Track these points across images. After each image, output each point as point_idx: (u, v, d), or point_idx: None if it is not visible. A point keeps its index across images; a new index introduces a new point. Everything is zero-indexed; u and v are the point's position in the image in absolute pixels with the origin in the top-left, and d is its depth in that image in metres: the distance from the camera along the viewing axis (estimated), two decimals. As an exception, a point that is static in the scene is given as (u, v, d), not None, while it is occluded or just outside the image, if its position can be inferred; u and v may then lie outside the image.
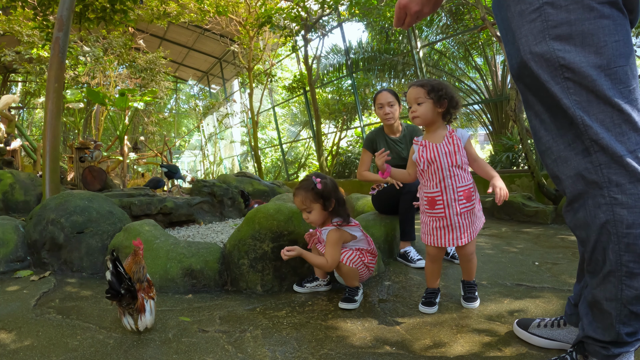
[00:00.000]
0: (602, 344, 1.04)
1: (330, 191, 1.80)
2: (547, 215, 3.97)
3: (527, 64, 0.99)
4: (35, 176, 4.50)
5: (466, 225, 1.65)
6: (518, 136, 4.83)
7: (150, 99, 7.99)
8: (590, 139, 0.94)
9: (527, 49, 0.98)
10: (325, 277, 2.06)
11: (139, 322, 1.50)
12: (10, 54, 8.44)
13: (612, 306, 0.99)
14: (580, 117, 0.94)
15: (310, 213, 1.82)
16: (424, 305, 1.74)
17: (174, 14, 9.16)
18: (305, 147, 14.67)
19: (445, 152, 1.64)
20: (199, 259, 2.11)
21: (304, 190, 1.81)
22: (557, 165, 1.03)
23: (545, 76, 0.97)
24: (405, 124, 2.87)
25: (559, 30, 0.93)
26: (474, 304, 1.74)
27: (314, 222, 1.87)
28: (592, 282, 1.04)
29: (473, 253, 1.74)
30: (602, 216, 0.96)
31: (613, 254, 0.96)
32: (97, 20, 6.32)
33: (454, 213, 1.63)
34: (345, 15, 9.31)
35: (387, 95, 2.70)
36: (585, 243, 1.03)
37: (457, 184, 1.63)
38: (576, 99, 0.94)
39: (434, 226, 1.67)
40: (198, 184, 4.39)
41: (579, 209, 1.02)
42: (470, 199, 1.64)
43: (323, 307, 1.84)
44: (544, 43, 0.95)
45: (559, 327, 1.33)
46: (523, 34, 0.99)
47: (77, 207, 2.57)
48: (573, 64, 0.92)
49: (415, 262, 2.44)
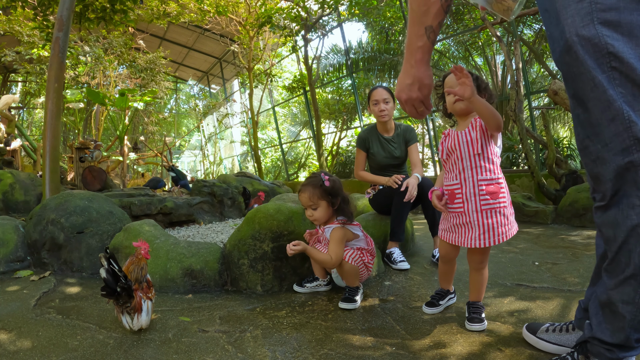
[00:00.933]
0: (608, 346, 1.02)
1: (338, 189, 1.82)
2: (547, 215, 3.97)
3: (572, 47, 0.90)
4: (35, 176, 4.50)
5: (488, 226, 1.44)
6: (518, 136, 4.83)
7: (150, 99, 7.99)
8: (633, 137, 0.87)
9: (573, 31, 0.90)
10: (325, 277, 2.06)
11: (134, 321, 1.51)
12: (10, 54, 8.44)
13: (628, 310, 0.96)
14: (626, 112, 0.86)
15: (316, 210, 1.83)
16: (426, 305, 1.74)
17: (174, 14, 9.17)
18: (305, 147, 14.67)
19: (466, 140, 1.48)
20: (199, 259, 2.11)
21: (312, 186, 1.81)
22: (597, 166, 0.95)
23: (591, 62, 0.88)
24: (398, 123, 2.83)
25: (608, 15, 0.85)
26: (479, 326, 1.51)
27: (318, 220, 1.86)
28: (610, 282, 1.00)
29: (484, 262, 1.55)
30: (635, 218, 0.91)
31: (639, 258, 0.92)
32: (97, 20, 6.32)
33: (473, 209, 1.45)
34: (345, 15, 9.31)
35: (382, 92, 2.66)
36: (611, 242, 0.98)
37: (479, 176, 1.45)
38: (622, 91, 0.86)
39: (454, 223, 1.52)
40: (198, 184, 4.39)
41: (611, 206, 0.95)
42: (496, 196, 1.45)
43: (323, 307, 1.84)
44: (591, 26, 0.87)
45: (567, 332, 1.30)
46: (570, 14, 0.90)
47: (77, 207, 2.57)
48: (621, 54, 0.85)
49: (397, 264, 2.40)
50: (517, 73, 4.54)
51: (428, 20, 1.04)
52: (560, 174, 4.56)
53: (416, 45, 1.07)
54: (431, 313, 1.71)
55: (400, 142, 2.76)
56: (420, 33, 1.05)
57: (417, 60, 1.09)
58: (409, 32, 1.08)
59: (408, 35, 1.09)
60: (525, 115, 6.30)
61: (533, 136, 4.86)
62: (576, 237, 3.20)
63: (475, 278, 1.59)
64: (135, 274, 1.54)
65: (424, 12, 1.03)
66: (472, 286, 1.60)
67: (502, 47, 4.81)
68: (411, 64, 1.10)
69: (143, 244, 1.60)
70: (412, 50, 1.09)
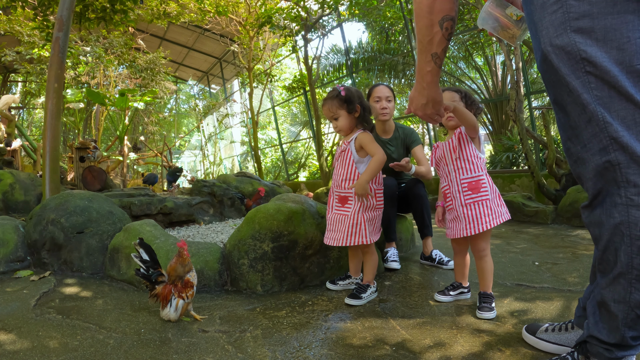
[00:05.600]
0: (606, 346, 1.02)
1: (354, 96, 1.87)
2: (547, 215, 3.97)
3: (547, 56, 0.96)
4: (35, 176, 4.49)
5: (472, 217, 1.66)
6: (518, 136, 4.83)
7: (150, 99, 7.99)
8: (609, 137, 0.90)
9: (547, 41, 0.95)
10: (358, 274, 2.08)
11: (162, 311, 1.67)
12: (10, 54, 8.44)
13: (620, 308, 0.97)
14: (601, 114, 0.90)
15: (338, 120, 1.90)
16: (437, 293, 1.87)
17: (174, 14, 9.16)
18: (305, 147, 14.67)
19: (450, 148, 1.77)
20: (199, 259, 2.11)
21: (329, 98, 1.90)
22: (578, 166, 1.00)
23: (565, 69, 0.93)
24: (399, 125, 2.71)
25: (581, 22, 0.89)
26: (488, 314, 1.62)
27: (342, 129, 1.92)
28: (602, 281, 1.02)
29: (485, 250, 1.71)
30: (617, 216, 0.93)
31: (625, 256, 0.94)
32: (97, 20, 6.31)
33: (459, 204, 1.70)
34: (345, 15, 9.31)
35: (385, 89, 2.58)
36: (598, 241, 1.01)
37: (461, 175, 1.71)
38: (597, 94, 0.90)
39: (449, 219, 1.79)
40: (198, 184, 4.38)
41: (596, 206, 0.99)
42: (477, 190, 1.68)
43: (323, 307, 1.84)
44: (564, 35, 0.91)
45: (566, 331, 1.31)
46: (544, 25, 0.96)
47: (77, 207, 2.57)
48: (594, 58, 0.89)
49: (387, 263, 2.43)
50: (517, 73, 4.54)
51: (433, 48, 1.16)
52: (560, 174, 4.56)
53: (425, 70, 1.21)
54: (441, 301, 1.83)
55: (398, 145, 2.66)
56: (427, 59, 1.19)
57: (428, 82, 1.24)
58: (418, 58, 1.22)
59: (417, 61, 1.22)
60: (525, 115, 6.30)
61: (533, 136, 4.86)
62: (576, 237, 3.20)
63: (479, 266, 1.74)
64: (179, 271, 1.68)
65: (428, 42, 1.15)
66: (479, 275, 1.75)
67: (502, 47, 4.81)
68: (423, 86, 1.25)
69: (184, 244, 1.71)
70: (422, 74, 1.23)
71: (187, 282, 1.69)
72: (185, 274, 1.69)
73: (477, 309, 1.67)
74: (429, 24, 1.12)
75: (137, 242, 1.70)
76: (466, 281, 1.88)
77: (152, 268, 1.68)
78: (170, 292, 1.66)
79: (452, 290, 1.86)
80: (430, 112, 1.30)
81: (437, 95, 1.27)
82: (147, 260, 1.68)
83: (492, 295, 1.70)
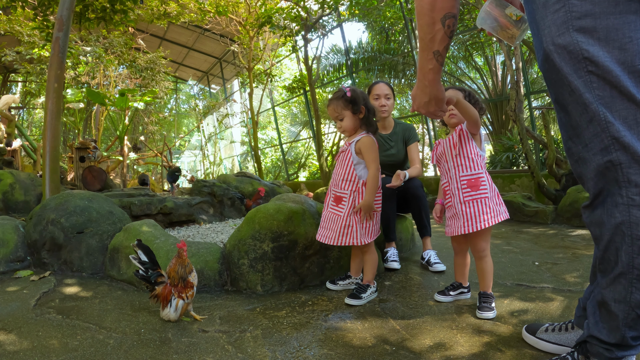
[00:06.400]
0: (606, 346, 1.02)
1: (359, 98, 1.89)
2: (547, 215, 3.97)
3: (549, 55, 0.96)
4: (35, 176, 4.49)
5: (470, 214, 1.65)
6: (518, 136, 4.83)
7: (150, 99, 7.98)
8: (611, 137, 0.90)
9: (549, 40, 0.95)
10: (358, 275, 2.08)
11: (162, 311, 1.68)
12: (10, 54, 8.44)
13: (620, 308, 0.97)
14: (602, 114, 0.90)
15: (342, 120, 1.91)
16: (437, 293, 1.87)
17: (174, 14, 9.16)
18: (305, 147, 14.67)
19: (450, 144, 1.76)
20: (199, 259, 2.11)
21: (335, 99, 1.91)
22: (580, 166, 1.00)
23: (567, 69, 0.93)
24: (398, 121, 2.76)
25: (583, 22, 0.89)
26: (488, 314, 1.63)
27: (347, 130, 1.93)
28: (603, 281, 1.02)
29: (485, 251, 1.70)
30: (618, 216, 0.93)
31: (626, 256, 0.93)
32: (97, 20, 6.31)
33: (458, 201, 1.70)
34: (345, 15, 9.31)
35: (384, 87, 2.61)
36: (599, 241, 1.01)
37: (460, 172, 1.71)
38: (599, 94, 0.90)
39: (448, 216, 1.78)
40: (198, 184, 4.38)
41: (597, 205, 0.99)
42: (476, 188, 1.67)
43: (323, 307, 1.84)
44: (567, 34, 0.91)
45: (566, 331, 1.31)
46: (546, 25, 0.96)
47: (77, 207, 2.57)
48: (597, 58, 0.88)
49: (387, 262, 2.43)
50: (517, 73, 4.54)
51: (434, 46, 1.16)
52: (560, 174, 4.56)
53: (427, 68, 1.21)
54: (441, 301, 1.83)
55: (397, 140, 2.70)
56: (429, 57, 1.18)
57: (430, 80, 1.23)
58: (420, 56, 1.21)
59: (419, 59, 1.22)
60: (525, 115, 6.30)
61: (533, 136, 4.86)
62: (576, 237, 3.20)
63: (479, 266, 1.73)
64: (180, 272, 1.69)
65: (430, 39, 1.15)
66: (479, 275, 1.74)
67: (502, 47, 4.81)
68: (425, 84, 1.25)
69: (184, 245, 1.72)
70: (424, 72, 1.22)
71: (188, 282, 1.70)
72: (186, 275, 1.70)
73: (477, 309, 1.67)
74: (430, 21, 1.12)
75: (135, 243, 1.71)
76: (466, 281, 1.88)
77: (150, 269, 1.69)
78: (170, 292, 1.67)
79: (452, 290, 1.86)
80: (433, 109, 1.31)
81: (439, 92, 1.27)
82: (145, 262, 1.69)
83: (492, 295, 1.70)
